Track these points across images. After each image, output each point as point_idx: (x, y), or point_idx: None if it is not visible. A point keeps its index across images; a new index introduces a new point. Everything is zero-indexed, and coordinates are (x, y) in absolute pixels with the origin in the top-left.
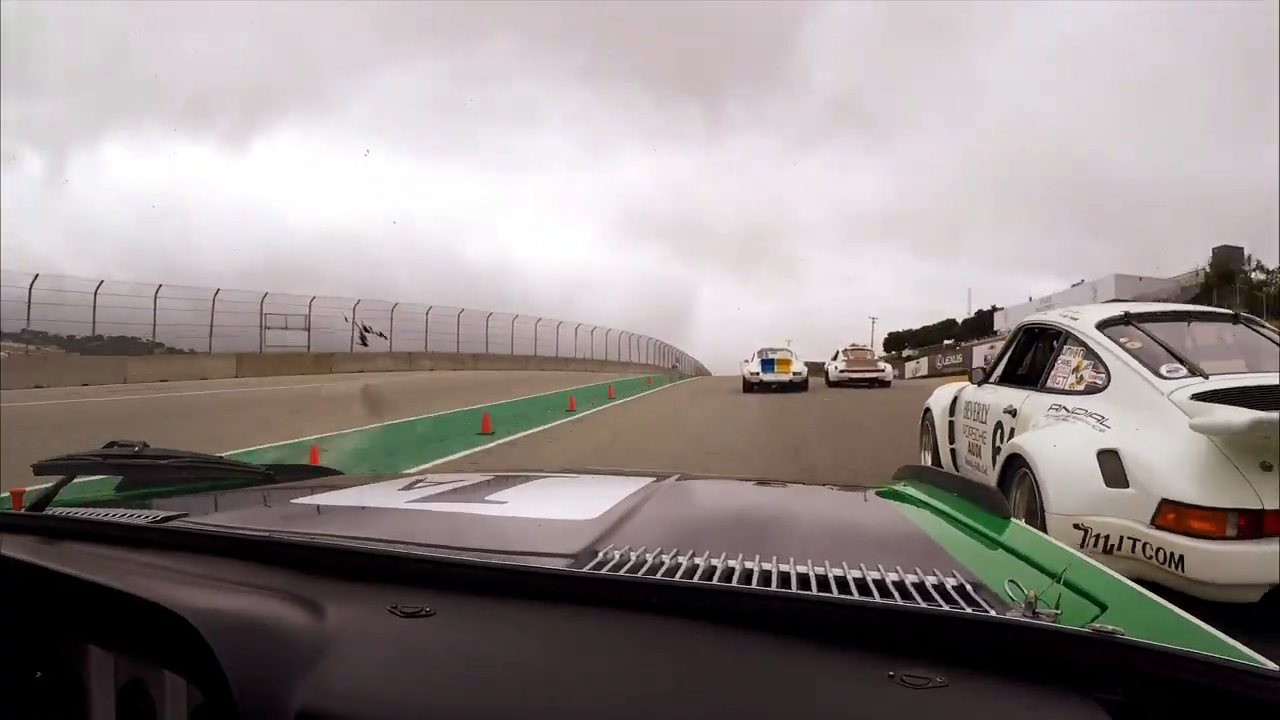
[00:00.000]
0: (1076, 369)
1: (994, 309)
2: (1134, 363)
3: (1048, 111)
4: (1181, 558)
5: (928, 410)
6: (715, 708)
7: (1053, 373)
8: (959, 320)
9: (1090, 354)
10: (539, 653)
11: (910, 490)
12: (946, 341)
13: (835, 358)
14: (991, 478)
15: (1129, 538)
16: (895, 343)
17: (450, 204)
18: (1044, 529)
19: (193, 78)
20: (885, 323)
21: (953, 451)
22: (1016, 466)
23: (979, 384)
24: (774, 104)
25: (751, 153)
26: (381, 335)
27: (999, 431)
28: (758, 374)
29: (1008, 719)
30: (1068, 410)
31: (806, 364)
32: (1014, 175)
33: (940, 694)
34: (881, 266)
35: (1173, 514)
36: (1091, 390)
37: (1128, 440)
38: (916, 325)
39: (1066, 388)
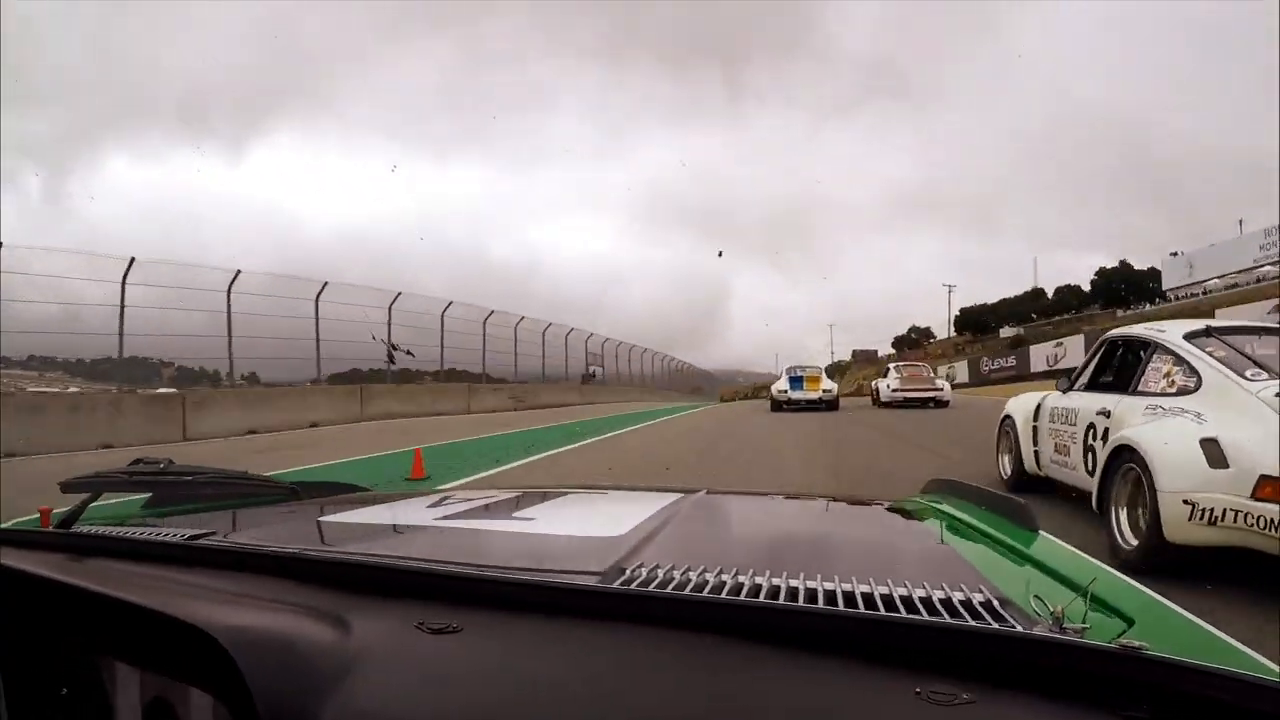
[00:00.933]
0: (1168, 375)
1: (1174, 256)
2: (1223, 368)
3: (1094, 77)
4: (1278, 522)
5: (1007, 417)
6: None
7: (1143, 379)
8: (1047, 292)
9: (1180, 362)
10: (567, 669)
11: (938, 504)
12: (1066, 315)
13: (885, 374)
14: (1078, 473)
15: (1232, 509)
16: (973, 322)
17: (469, 202)
18: (1154, 507)
19: (197, 79)
20: (923, 306)
21: (1036, 454)
22: (1124, 456)
23: (1064, 391)
24: (802, 74)
25: (780, 129)
26: (409, 353)
27: (1090, 431)
28: (786, 392)
29: None
30: (1165, 409)
31: (855, 352)
32: (1059, 147)
33: (967, 711)
34: (920, 247)
35: (1269, 487)
36: (1184, 392)
37: (1225, 430)
38: (977, 303)
39: (1159, 390)
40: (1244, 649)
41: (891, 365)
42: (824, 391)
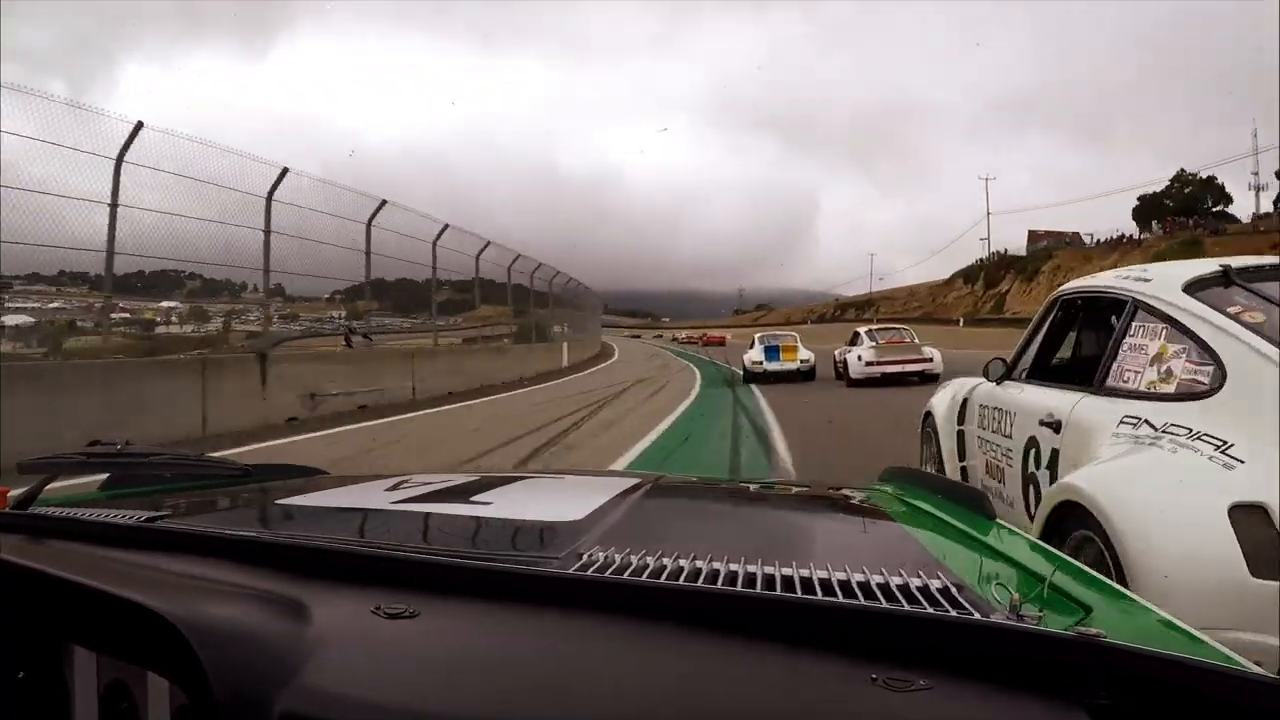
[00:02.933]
0: (1159, 358)
1: None
2: (1264, 345)
3: None
4: None
5: (929, 414)
6: (696, 710)
7: (1117, 364)
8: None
9: (1181, 333)
10: (523, 654)
11: (895, 491)
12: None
13: (855, 341)
14: (1016, 511)
15: None
16: (1153, 210)
17: (523, 107)
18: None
19: None
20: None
21: (964, 470)
22: (1074, 522)
23: (998, 380)
24: None
25: (869, 11)
26: (368, 338)
27: (1033, 453)
28: (761, 363)
29: None
30: (1154, 427)
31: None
32: (1188, 43)
33: (922, 697)
34: (1021, 158)
35: None
36: (1191, 393)
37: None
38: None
39: (1145, 388)
40: (1201, 636)
41: (863, 330)
42: (801, 361)
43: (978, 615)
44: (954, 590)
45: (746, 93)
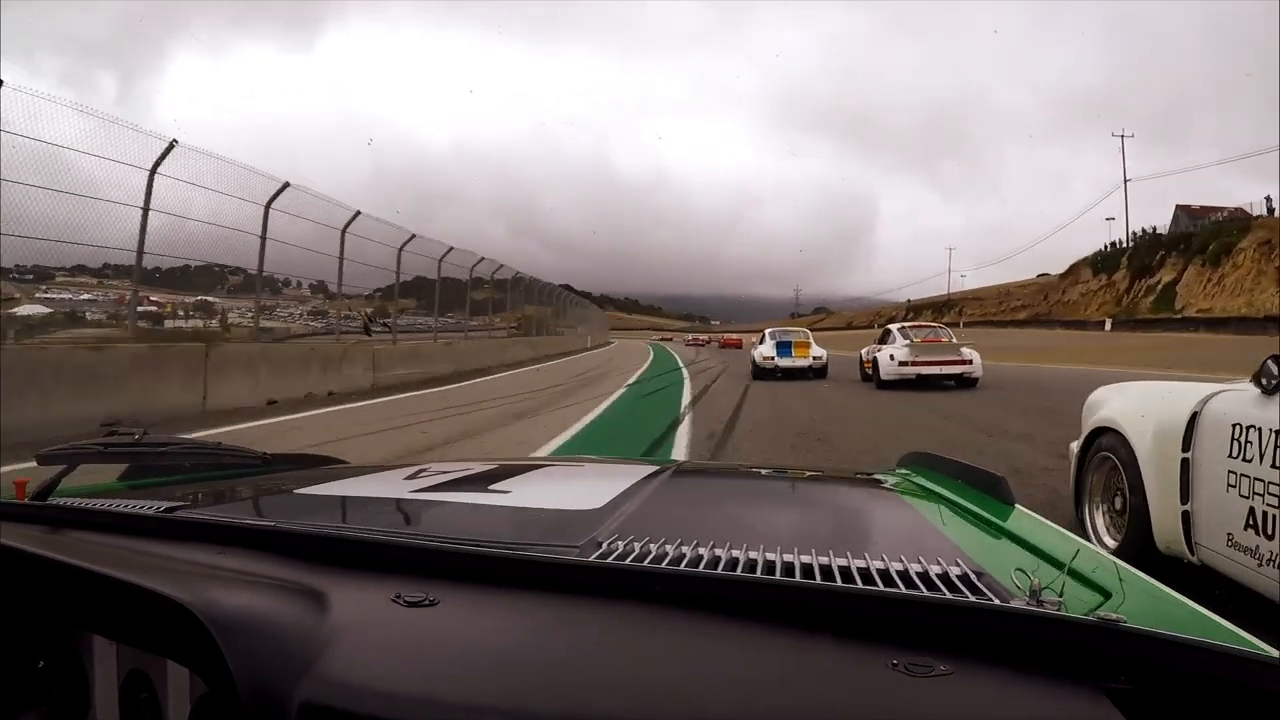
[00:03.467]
0: None
1: None
2: None
3: None
4: None
5: (1105, 432)
6: (717, 697)
7: None
8: None
9: None
10: (542, 642)
11: (914, 477)
12: None
13: (886, 339)
14: None
15: None
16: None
17: (578, 107)
18: None
19: None
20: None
21: (1187, 518)
22: None
23: (1270, 389)
24: None
25: (935, 9)
26: (385, 326)
27: None
28: (772, 359)
29: (1012, 708)
30: None
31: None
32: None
33: (944, 683)
34: (1094, 158)
35: None
36: None
37: None
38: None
39: None
40: (1221, 621)
41: (895, 327)
42: (814, 358)
43: (997, 601)
44: (973, 576)
45: (806, 89)
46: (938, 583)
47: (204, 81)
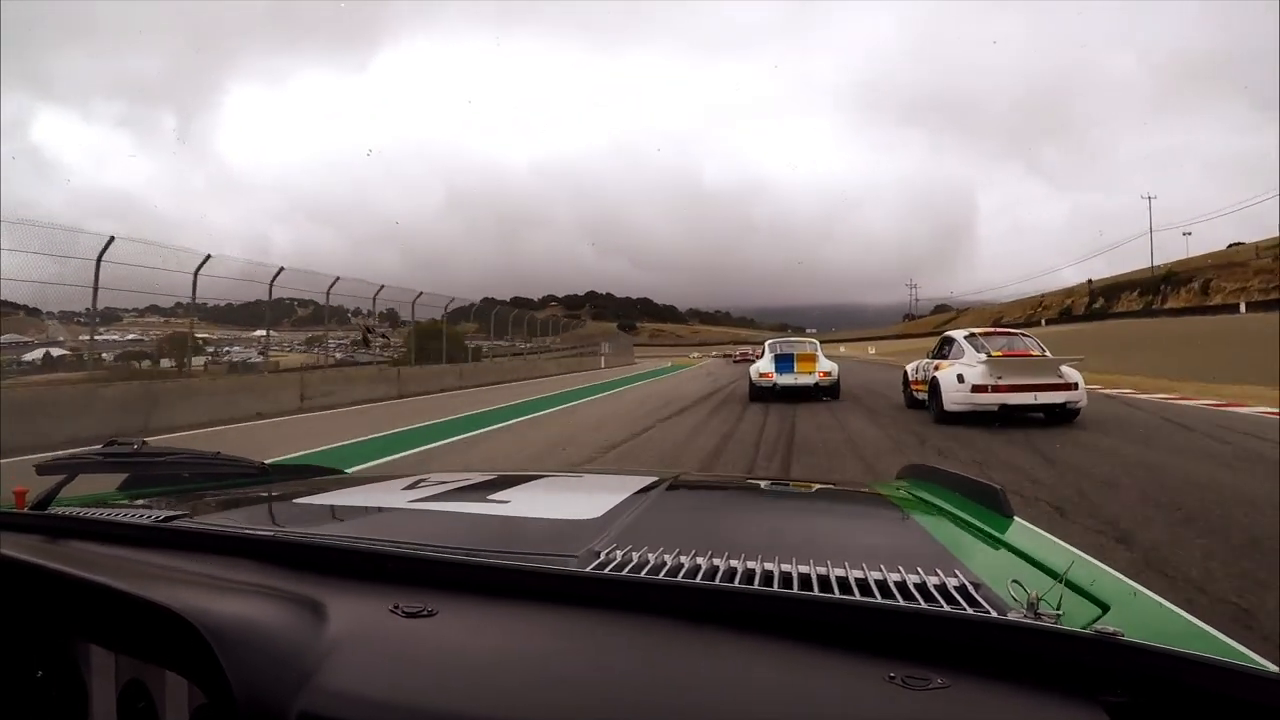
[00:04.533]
0: None
1: None
2: None
3: None
4: None
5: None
6: (714, 708)
7: None
8: None
9: None
10: (540, 653)
11: (913, 489)
12: None
13: (943, 350)
14: None
15: None
16: None
17: (660, 112)
18: None
19: None
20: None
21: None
22: None
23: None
24: None
25: None
26: (384, 336)
27: None
28: (771, 374)
29: None
30: None
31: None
32: None
33: (941, 695)
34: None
35: None
36: None
37: None
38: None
39: None
40: (1218, 635)
41: (960, 335)
42: (821, 374)
43: (995, 613)
44: (971, 588)
45: (897, 77)
46: (936, 595)
47: (262, 110)
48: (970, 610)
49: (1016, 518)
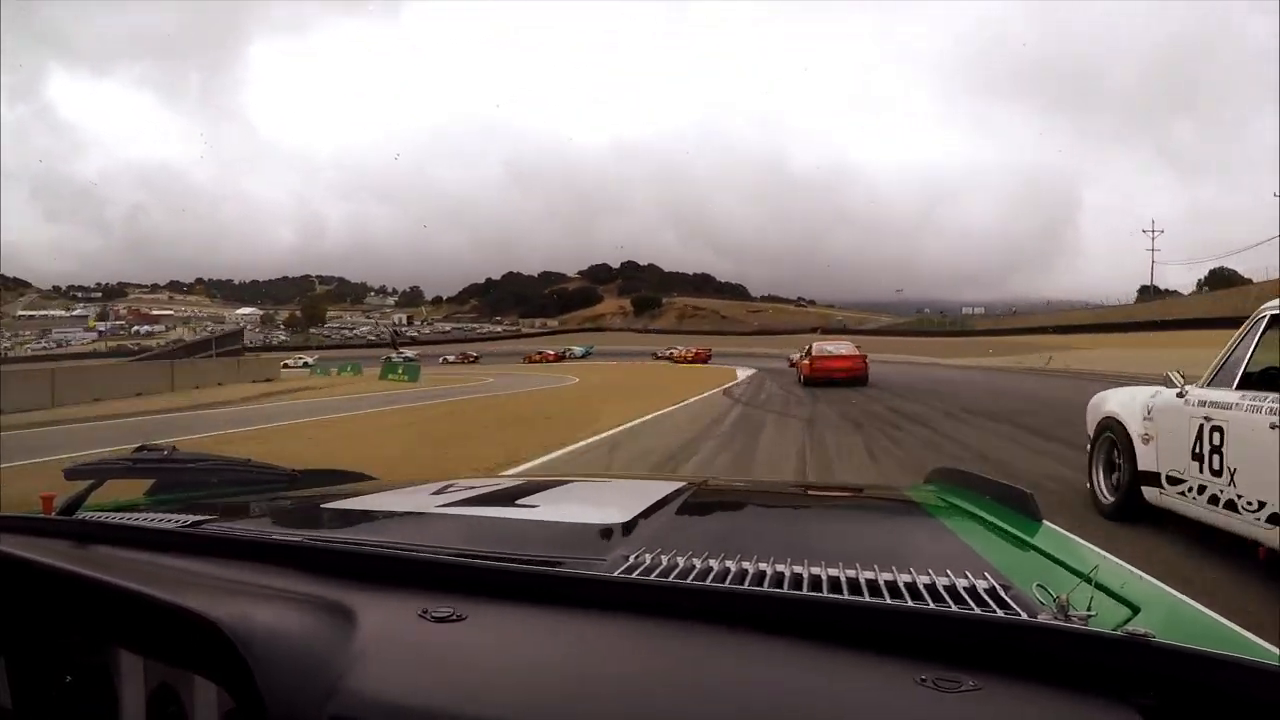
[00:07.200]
0: None
1: None
2: None
3: None
4: None
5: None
6: (745, 712)
7: None
8: None
9: None
10: (569, 657)
11: (942, 493)
12: None
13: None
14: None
15: None
16: None
17: (745, 87)
18: None
19: None
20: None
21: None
22: None
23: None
24: None
25: None
26: (411, 337)
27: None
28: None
29: None
30: None
31: None
32: None
33: (971, 698)
34: None
35: None
36: None
37: None
38: None
39: None
40: (1249, 636)
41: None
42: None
43: (1025, 616)
44: (1001, 591)
45: (1003, 47)
46: (966, 597)
47: (299, 73)
48: (1000, 612)
49: (1045, 521)
